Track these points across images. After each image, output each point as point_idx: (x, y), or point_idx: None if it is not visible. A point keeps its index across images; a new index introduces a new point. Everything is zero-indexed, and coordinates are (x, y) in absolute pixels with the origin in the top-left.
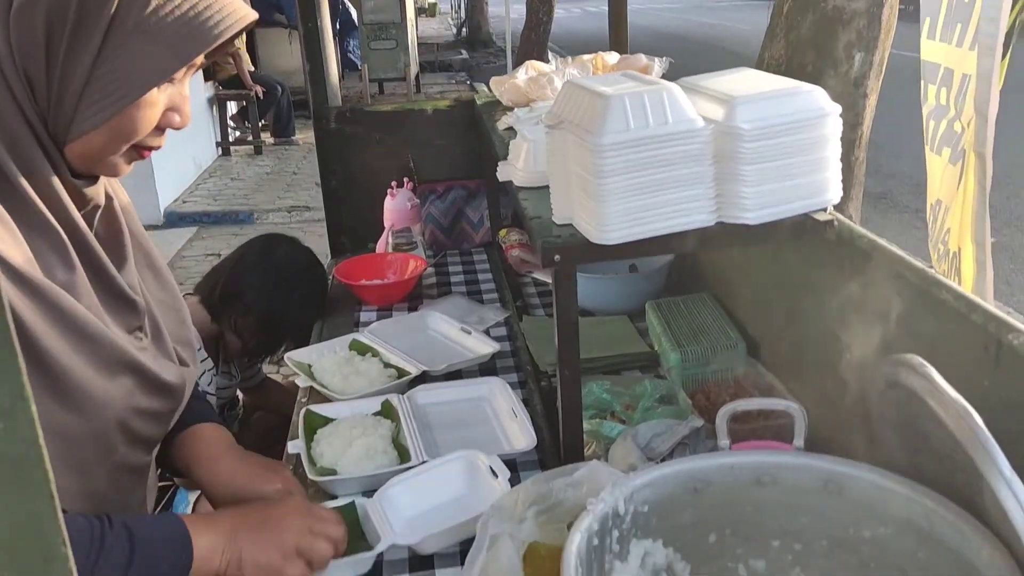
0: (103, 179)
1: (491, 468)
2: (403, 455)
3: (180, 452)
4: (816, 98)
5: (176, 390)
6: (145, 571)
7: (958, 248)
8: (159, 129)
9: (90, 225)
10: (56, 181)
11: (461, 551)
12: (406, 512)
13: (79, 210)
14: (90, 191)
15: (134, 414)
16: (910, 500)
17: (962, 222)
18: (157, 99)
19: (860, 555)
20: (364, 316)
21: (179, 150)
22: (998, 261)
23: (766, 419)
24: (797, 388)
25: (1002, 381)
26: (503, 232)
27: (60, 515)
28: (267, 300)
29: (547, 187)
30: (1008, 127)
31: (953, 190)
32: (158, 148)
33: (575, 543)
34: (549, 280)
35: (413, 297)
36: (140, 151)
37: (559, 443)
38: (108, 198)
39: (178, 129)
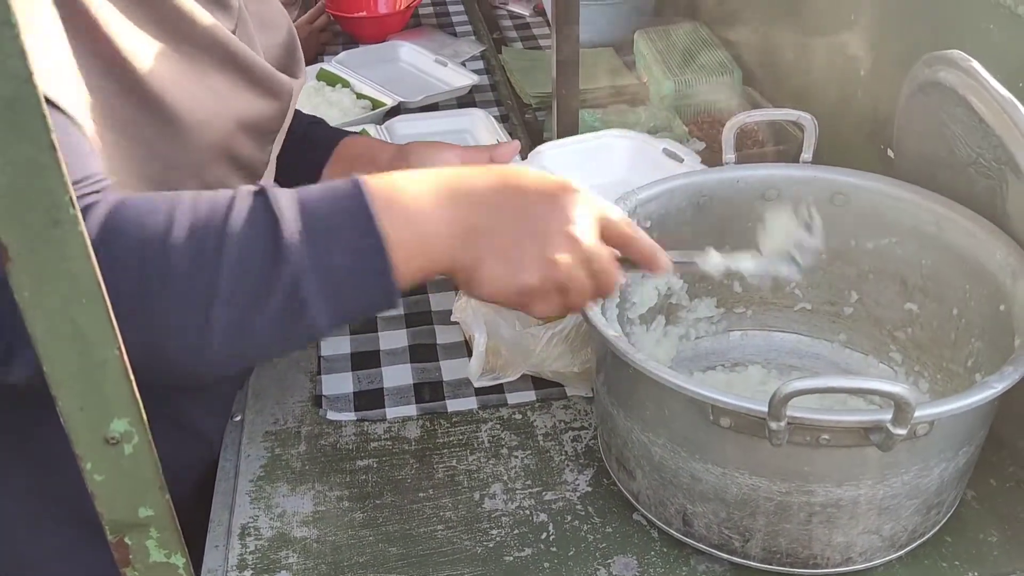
0: None
1: None
2: None
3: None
4: None
5: (280, 86)
6: (311, 252)
7: None
8: None
9: None
10: None
11: None
12: None
13: None
14: None
15: (239, 128)
16: (919, 207)
17: None
18: None
19: (859, 267)
20: (328, 47)
21: None
22: None
23: (768, 145)
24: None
25: None
26: None
27: (65, 172)
28: None
29: None
30: None
31: None
32: None
33: None
34: (526, 12)
35: None
36: None
37: None
38: None
39: None
